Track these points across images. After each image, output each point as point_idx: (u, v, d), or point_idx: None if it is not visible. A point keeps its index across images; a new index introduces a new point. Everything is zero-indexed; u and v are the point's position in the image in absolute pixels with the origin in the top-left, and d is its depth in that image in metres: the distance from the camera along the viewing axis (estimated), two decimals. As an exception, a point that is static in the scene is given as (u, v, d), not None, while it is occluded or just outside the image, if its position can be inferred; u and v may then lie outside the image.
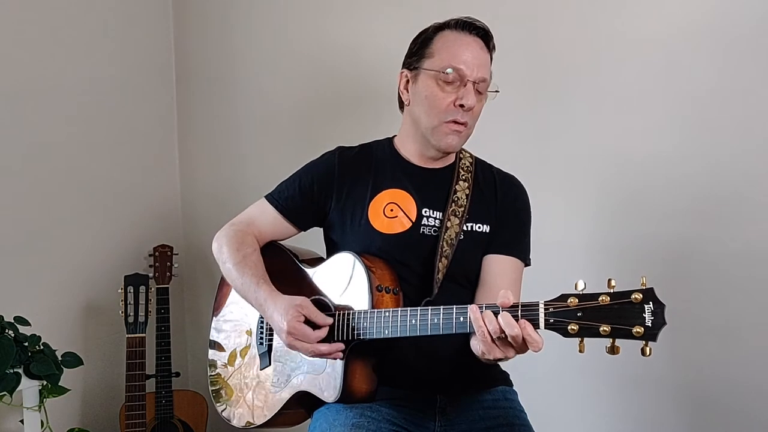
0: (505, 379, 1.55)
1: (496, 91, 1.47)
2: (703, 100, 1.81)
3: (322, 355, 1.35)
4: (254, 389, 1.54)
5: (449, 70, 1.41)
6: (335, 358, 1.36)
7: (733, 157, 1.78)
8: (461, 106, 1.41)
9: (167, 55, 2.65)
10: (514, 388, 1.55)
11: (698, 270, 1.83)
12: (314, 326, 1.35)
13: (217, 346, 1.65)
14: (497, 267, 1.47)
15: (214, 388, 1.63)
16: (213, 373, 1.64)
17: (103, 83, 2.38)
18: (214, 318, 1.67)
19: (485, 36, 1.46)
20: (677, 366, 1.85)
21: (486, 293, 1.45)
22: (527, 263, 1.52)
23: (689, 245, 1.84)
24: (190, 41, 2.63)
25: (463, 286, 1.47)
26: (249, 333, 1.58)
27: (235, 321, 1.62)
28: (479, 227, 1.48)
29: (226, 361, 1.61)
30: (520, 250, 1.50)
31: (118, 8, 2.45)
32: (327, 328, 1.35)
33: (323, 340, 1.35)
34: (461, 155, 1.56)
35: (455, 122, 1.43)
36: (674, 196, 1.85)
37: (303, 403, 1.47)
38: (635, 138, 1.89)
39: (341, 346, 1.34)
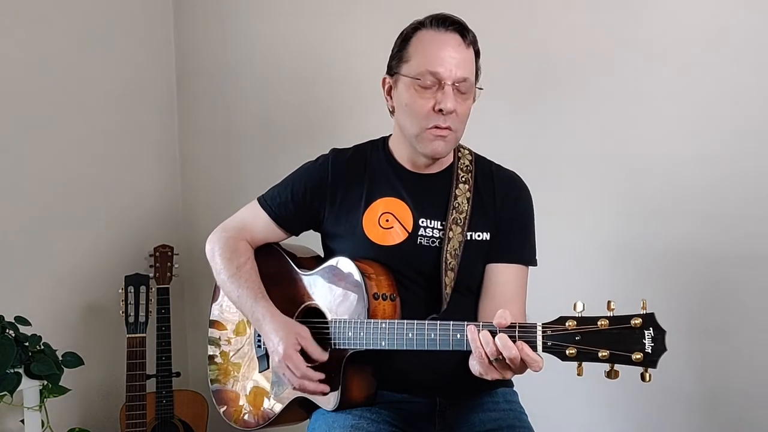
0: (505, 380, 1.52)
1: (480, 89, 1.40)
2: (706, 101, 1.80)
3: (305, 391, 1.37)
4: (252, 387, 1.53)
5: (426, 75, 1.34)
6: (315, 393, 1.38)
7: (745, 157, 1.77)
8: (441, 111, 1.34)
9: (168, 56, 2.64)
10: (514, 388, 1.53)
11: (700, 272, 1.82)
12: (308, 359, 1.36)
13: (217, 324, 1.63)
14: (501, 277, 1.44)
15: (214, 367, 1.61)
16: (215, 352, 1.62)
17: (104, 83, 2.38)
18: (213, 303, 1.66)
19: (462, 30, 1.36)
20: (682, 368, 1.84)
21: (490, 303, 1.42)
22: (533, 264, 1.48)
23: (691, 247, 1.83)
24: (190, 41, 2.63)
25: (467, 296, 1.45)
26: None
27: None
28: (479, 236, 1.44)
29: (231, 335, 1.60)
30: (524, 255, 1.46)
31: (119, 8, 2.44)
32: (321, 374, 1.36)
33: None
34: (459, 154, 1.50)
35: (437, 128, 1.36)
36: (677, 198, 1.84)
37: (302, 405, 1.47)
38: (639, 140, 1.88)
39: (327, 388, 1.36)
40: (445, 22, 1.36)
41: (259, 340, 1.52)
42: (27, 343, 1.86)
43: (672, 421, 1.88)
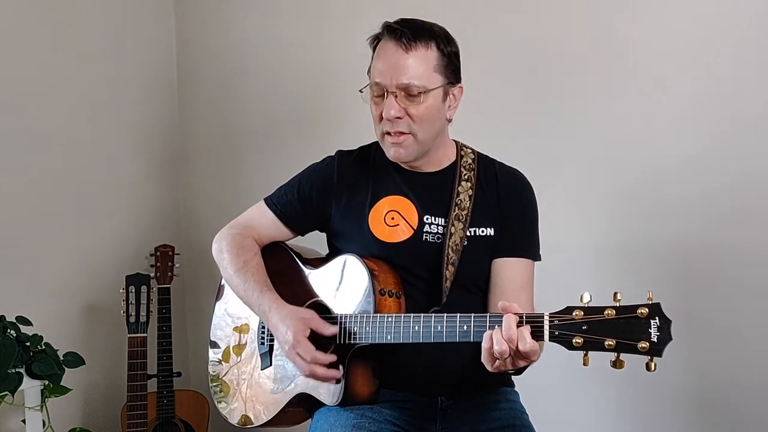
0: (506, 380, 1.54)
1: (451, 83, 1.41)
2: (706, 100, 1.81)
3: (316, 377, 1.36)
4: (252, 386, 1.53)
5: (374, 86, 1.41)
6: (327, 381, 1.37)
7: (748, 158, 1.77)
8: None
9: (169, 56, 2.64)
10: (515, 388, 1.55)
11: (703, 271, 1.83)
12: (317, 344, 1.35)
13: (212, 344, 1.65)
14: (508, 271, 1.46)
15: (213, 385, 1.63)
16: (211, 372, 1.63)
17: (105, 83, 2.38)
18: (214, 317, 1.67)
19: (400, 36, 1.37)
20: (681, 367, 1.84)
21: (499, 297, 1.41)
22: (537, 259, 1.51)
23: (694, 246, 1.84)
24: (191, 41, 2.63)
25: (471, 291, 1.47)
26: (239, 330, 1.58)
27: (230, 316, 1.61)
28: (483, 231, 1.46)
29: (221, 357, 1.61)
30: (529, 250, 1.49)
31: (120, 8, 2.45)
32: (333, 356, 1.35)
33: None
34: (462, 153, 1.53)
35: (388, 134, 1.41)
36: (676, 197, 1.85)
37: (303, 404, 1.47)
38: (639, 139, 1.89)
39: (338, 374, 1.35)
40: (390, 30, 1.39)
41: (263, 337, 1.52)
42: (28, 343, 1.86)
43: (672, 420, 1.89)
